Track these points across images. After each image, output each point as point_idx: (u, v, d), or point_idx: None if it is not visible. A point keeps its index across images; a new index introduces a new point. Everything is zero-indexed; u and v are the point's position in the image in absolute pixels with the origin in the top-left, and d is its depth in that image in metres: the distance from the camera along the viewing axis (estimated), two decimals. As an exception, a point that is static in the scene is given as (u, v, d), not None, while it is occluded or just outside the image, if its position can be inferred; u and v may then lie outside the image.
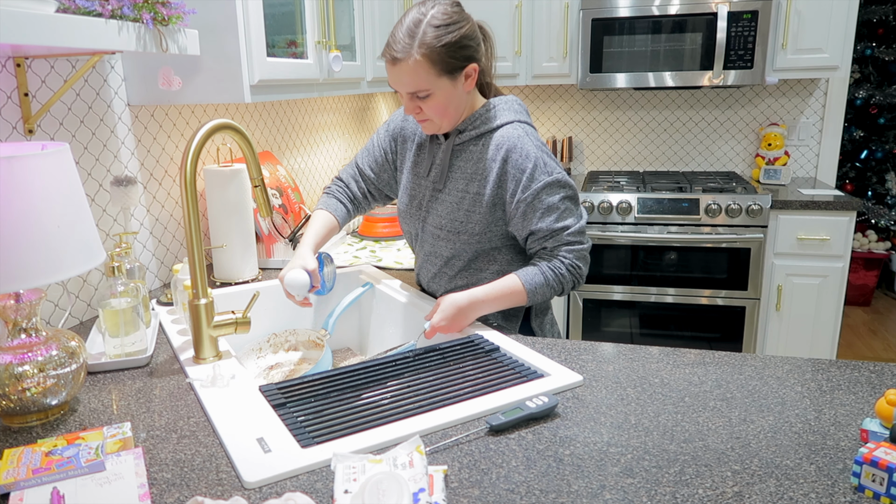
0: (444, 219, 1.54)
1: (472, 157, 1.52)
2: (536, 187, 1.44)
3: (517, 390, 1.17)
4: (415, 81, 1.40)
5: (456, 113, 1.49)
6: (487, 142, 1.50)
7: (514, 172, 1.45)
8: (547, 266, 1.48)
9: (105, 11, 1.24)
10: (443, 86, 1.42)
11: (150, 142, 1.83)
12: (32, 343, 1.11)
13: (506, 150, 1.46)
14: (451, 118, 1.49)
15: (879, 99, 4.44)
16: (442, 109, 1.45)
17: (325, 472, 0.95)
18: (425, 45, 1.36)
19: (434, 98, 1.43)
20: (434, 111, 1.45)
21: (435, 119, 1.47)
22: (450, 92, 1.43)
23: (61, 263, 1.02)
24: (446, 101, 1.44)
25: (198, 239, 1.29)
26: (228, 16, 1.62)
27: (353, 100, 3.25)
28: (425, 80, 1.40)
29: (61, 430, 1.10)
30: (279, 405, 1.14)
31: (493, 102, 1.53)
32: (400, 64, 1.38)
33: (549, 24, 3.34)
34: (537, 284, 1.47)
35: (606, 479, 0.92)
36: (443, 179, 1.55)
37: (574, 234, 1.48)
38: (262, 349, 1.71)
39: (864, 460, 0.86)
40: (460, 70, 1.42)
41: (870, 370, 1.24)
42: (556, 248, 1.49)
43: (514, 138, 1.47)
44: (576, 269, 1.49)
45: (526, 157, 1.45)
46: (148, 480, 0.94)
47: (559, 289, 1.50)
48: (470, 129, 1.52)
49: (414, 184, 1.64)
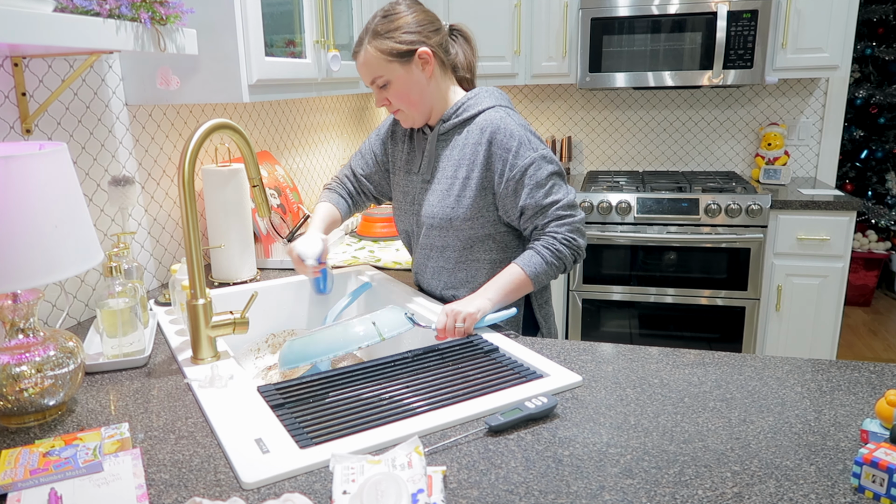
0: (435, 208, 1.57)
1: (458, 144, 1.56)
2: (523, 164, 1.48)
3: (516, 391, 1.16)
4: (370, 70, 1.52)
5: (422, 101, 1.55)
6: (471, 127, 1.55)
7: (500, 152, 1.50)
8: (542, 246, 1.50)
9: (103, 11, 1.24)
10: (396, 71, 1.50)
11: (147, 141, 1.82)
12: (30, 343, 1.10)
13: (490, 132, 1.51)
14: (418, 107, 1.55)
15: (879, 98, 4.44)
16: (404, 96, 1.53)
17: (323, 472, 0.95)
18: (372, 33, 1.50)
19: (393, 86, 1.52)
20: (397, 98, 1.53)
21: (403, 108, 1.55)
22: (405, 77, 1.51)
23: (59, 263, 1.02)
24: (406, 88, 1.52)
25: (196, 239, 1.29)
26: (226, 15, 1.62)
27: (352, 99, 3.25)
28: (377, 67, 1.50)
29: (59, 431, 1.09)
30: (277, 406, 1.14)
31: (474, 92, 1.59)
32: (358, 57, 1.53)
33: (548, 24, 3.34)
34: (538, 266, 1.49)
35: (606, 480, 0.92)
36: (430, 170, 1.60)
37: (564, 207, 1.50)
38: (261, 349, 1.71)
39: (865, 461, 0.85)
40: (410, 55, 1.50)
41: (870, 371, 1.24)
42: (547, 224, 1.51)
43: (496, 120, 1.51)
44: (571, 242, 1.51)
45: (510, 136, 1.49)
46: (146, 481, 0.94)
47: (560, 265, 1.52)
48: (453, 118, 1.57)
49: (406, 181, 1.68)
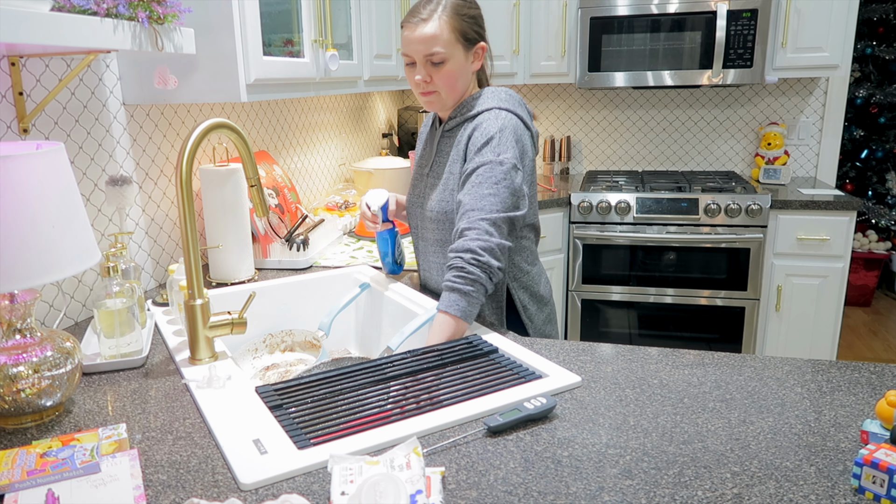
0: (434, 202, 1.61)
1: (455, 141, 1.59)
2: (479, 160, 1.47)
3: (515, 391, 1.16)
4: (433, 42, 1.48)
5: (461, 89, 1.56)
6: (468, 126, 1.56)
7: (471, 147, 1.51)
8: (454, 277, 1.41)
9: (100, 10, 1.24)
10: (457, 54, 1.51)
11: (145, 141, 1.82)
12: (27, 344, 1.10)
13: (472, 128, 1.53)
14: (455, 94, 1.56)
15: (880, 98, 4.43)
16: (452, 80, 1.53)
17: (321, 473, 0.95)
18: (450, 9, 1.49)
19: (447, 66, 1.51)
20: (444, 80, 1.52)
21: (442, 91, 1.54)
22: (461, 63, 1.53)
23: (56, 263, 1.02)
24: (457, 72, 1.53)
25: (193, 239, 1.29)
26: (224, 14, 1.61)
27: (350, 99, 3.25)
28: (444, 42, 1.49)
29: (56, 432, 1.09)
30: (275, 406, 1.14)
31: (482, 91, 1.60)
32: (424, 25, 1.48)
33: (547, 23, 3.33)
34: (459, 304, 1.39)
35: (605, 481, 0.91)
36: (430, 164, 1.65)
37: (491, 221, 1.42)
38: (259, 350, 1.71)
39: (865, 462, 0.85)
40: (474, 43, 1.53)
41: (870, 371, 1.24)
42: (465, 230, 1.43)
43: (483, 120, 1.52)
44: (479, 260, 1.40)
45: (483, 134, 1.50)
46: (143, 482, 0.93)
47: (480, 289, 1.41)
48: (457, 116, 1.59)
49: (416, 177, 1.72)
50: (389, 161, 3.03)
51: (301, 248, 2.00)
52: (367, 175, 2.96)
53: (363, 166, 2.98)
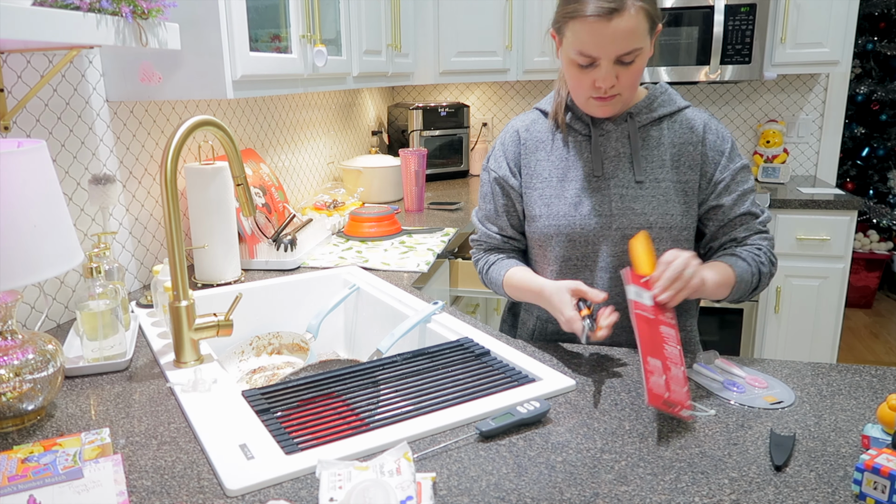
0: (650, 216, 1.35)
1: (663, 141, 1.37)
2: (735, 167, 1.36)
3: (508, 395, 1.14)
4: (633, 38, 1.21)
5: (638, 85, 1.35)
6: (676, 127, 1.37)
7: (713, 155, 1.36)
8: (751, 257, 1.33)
9: (83, 4, 1.21)
10: (647, 46, 1.26)
11: (129, 139, 1.79)
12: (8, 346, 1.08)
13: (702, 130, 1.36)
14: (634, 93, 1.33)
15: (881, 95, 4.40)
16: (638, 77, 1.28)
17: (309, 479, 0.93)
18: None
19: (637, 62, 1.25)
20: (631, 79, 1.27)
21: (625, 92, 1.29)
22: (647, 55, 1.27)
23: (38, 264, 1.00)
24: (643, 66, 1.28)
25: (178, 239, 1.27)
26: (210, 9, 1.59)
27: (339, 95, 3.22)
28: (642, 36, 1.23)
29: (38, 436, 1.07)
30: (262, 410, 1.12)
31: (661, 88, 1.41)
32: (617, 16, 1.18)
33: (540, 18, 3.30)
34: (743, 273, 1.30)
35: (600, 487, 0.90)
36: (632, 169, 1.37)
37: (764, 223, 1.38)
38: (245, 352, 1.68)
39: (866, 467, 0.84)
40: (655, 29, 1.27)
41: (871, 374, 1.23)
42: (749, 237, 1.37)
43: (706, 119, 1.38)
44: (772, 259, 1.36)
45: (723, 139, 1.37)
46: (127, 488, 0.92)
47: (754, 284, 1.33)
48: (646, 112, 1.37)
49: (581, 186, 1.39)
50: (379, 159, 3.01)
51: (289, 248, 1.98)
52: (356, 173, 2.94)
53: (352, 164, 2.96)
